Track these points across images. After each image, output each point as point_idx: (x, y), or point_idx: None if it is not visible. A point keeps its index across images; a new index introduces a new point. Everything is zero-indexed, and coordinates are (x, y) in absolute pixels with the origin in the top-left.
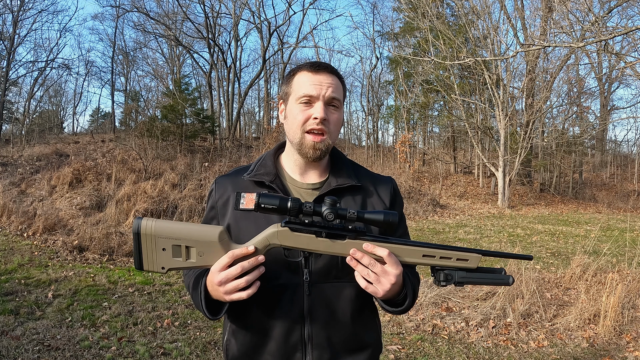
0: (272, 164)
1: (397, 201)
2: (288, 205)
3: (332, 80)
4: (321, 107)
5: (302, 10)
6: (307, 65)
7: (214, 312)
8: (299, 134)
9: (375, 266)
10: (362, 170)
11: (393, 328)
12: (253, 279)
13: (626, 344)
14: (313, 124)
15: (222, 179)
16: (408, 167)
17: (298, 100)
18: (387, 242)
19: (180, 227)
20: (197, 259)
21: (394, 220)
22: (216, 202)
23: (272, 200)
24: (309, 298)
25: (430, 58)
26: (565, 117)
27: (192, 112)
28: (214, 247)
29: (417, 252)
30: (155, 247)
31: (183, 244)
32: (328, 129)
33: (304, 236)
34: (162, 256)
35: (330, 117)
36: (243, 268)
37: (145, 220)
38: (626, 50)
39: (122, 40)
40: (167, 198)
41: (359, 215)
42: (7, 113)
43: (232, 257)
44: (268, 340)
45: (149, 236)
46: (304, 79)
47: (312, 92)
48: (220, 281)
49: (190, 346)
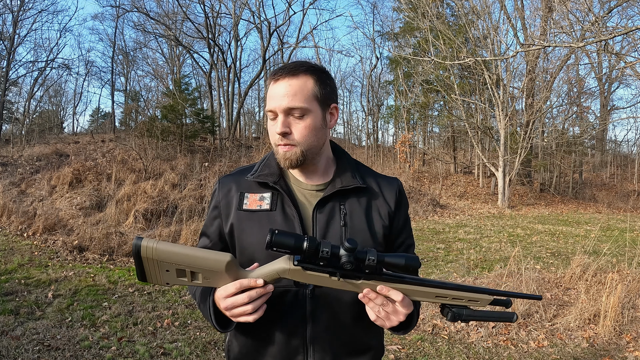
0: (276, 165)
1: (402, 202)
2: (304, 247)
3: (290, 86)
4: (281, 121)
5: (302, 10)
6: (271, 73)
7: (224, 326)
8: (274, 147)
9: (387, 306)
10: (368, 171)
11: None
12: (260, 305)
13: (626, 344)
14: (278, 139)
15: (225, 179)
16: (408, 167)
17: (267, 116)
18: (402, 282)
19: (184, 254)
20: (202, 280)
21: (416, 265)
22: (219, 202)
23: (287, 239)
24: (312, 301)
25: (430, 58)
26: (565, 117)
27: (192, 112)
28: (220, 275)
29: (430, 294)
30: (158, 268)
31: (188, 270)
32: (293, 140)
33: (316, 275)
34: (166, 275)
35: (294, 128)
36: (250, 298)
37: (146, 242)
38: (626, 50)
39: (122, 40)
40: (167, 198)
41: (379, 260)
42: (7, 113)
43: (240, 287)
44: (270, 342)
45: (151, 259)
46: (269, 91)
47: (271, 107)
48: (226, 307)
49: (190, 346)
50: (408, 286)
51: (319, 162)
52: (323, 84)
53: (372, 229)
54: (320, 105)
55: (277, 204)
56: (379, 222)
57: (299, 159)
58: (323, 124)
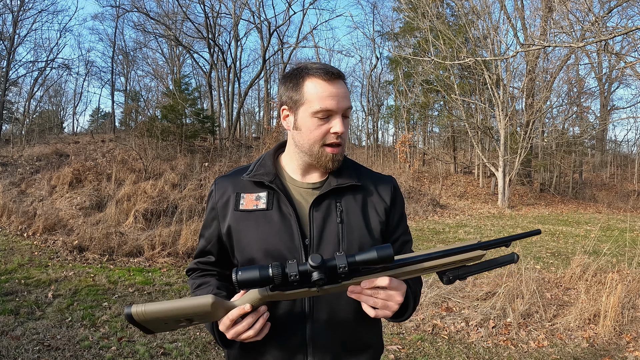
0: (271, 164)
1: (397, 200)
2: (270, 275)
3: (345, 88)
4: (340, 121)
5: (302, 10)
6: (320, 71)
7: (229, 345)
8: (317, 147)
9: (379, 294)
10: (363, 170)
11: (393, 328)
12: (261, 327)
13: (626, 344)
14: (333, 138)
15: (221, 180)
16: (408, 167)
17: (314, 114)
18: (385, 269)
19: (170, 307)
20: (199, 320)
21: (389, 255)
22: (216, 203)
23: (251, 273)
24: (311, 299)
25: (430, 58)
26: (565, 117)
27: (192, 112)
28: (210, 314)
29: (418, 270)
30: (156, 324)
31: (181, 318)
32: (343, 140)
33: (296, 292)
34: (166, 326)
35: (345, 128)
36: (248, 324)
37: (135, 309)
38: (626, 50)
39: (122, 40)
40: (167, 198)
41: (350, 263)
42: (7, 113)
43: (233, 319)
44: (270, 341)
45: (145, 321)
46: (320, 90)
47: (331, 107)
48: (232, 337)
49: (190, 346)
50: (390, 272)
51: None
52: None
53: (368, 226)
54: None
55: (273, 203)
56: (376, 219)
57: (342, 160)
58: None
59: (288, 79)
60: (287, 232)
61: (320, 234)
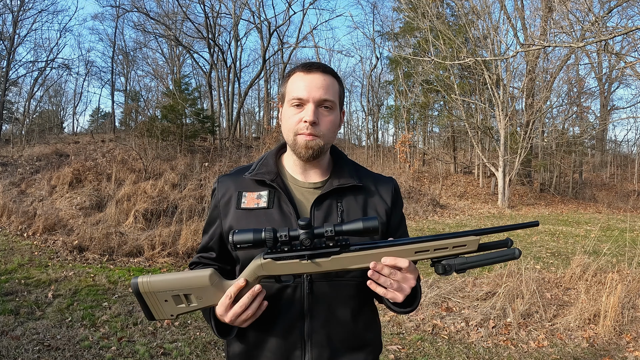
0: (273, 163)
1: (398, 201)
2: (263, 237)
3: (324, 80)
4: (311, 109)
5: (302, 10)
6: (301, 65)
7: (225, 334)
8: (291, 136)
9: (396, 274)
10: (364, 171)
11: (393, 328)
12: (257, 307)
13: (626, 344)
14: (303, 127)
15: (224, 178)
16: (408, 167)
17: (290, 102)
18: (375, 247)
19: (173, 279)
20: (197, 302)
21: (374, 226)
22: (219, 201)
23: (246, 235)
24: (309, 296)
25: (430, 58)
26: (565, 117)
27: (192, 112)
28: (208, 290)
29: (409, 251)
30: (157, 301)
31: (181, 293)
32: (319, 131)
33: (288, 263)
34: (167, 306)
35: (322, 120)
36: (245, 305)
37: (141, 279)
38: (626, 50)
39: (122, 40)
40: (167, 198)
41: (337, 230)
42: (7, 113)
43: (231, 297)
44: (268, 338)
45: (149, 293)
46: (297, 81)
47: (302, 95)
48: (230, 320)
49: (190, 346)
50: (382, 249)
51: (323, 160)
52: (342, 89)
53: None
54: (339, 107)
55: (274, 202)
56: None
57: (320, 150)
58: (339, 124)
59: (282, 79)
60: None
61: None
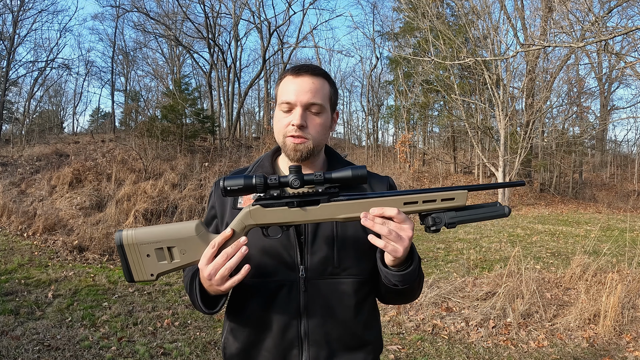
0: (269, 165)
1: None
2: (253, 182)
3: (313, 84)
4: (299, 113)
5: (302, 10)
6: (291, 69)
7: (211, 307)
8: (281, 138)
9: (389, 223)
10: None
11: (393, 328)
12: (236, 263)
13: (626, 344)
14: (291, 130)
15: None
16: (408, 167)
17: (280, 106)
18: (364, 197)
19: (158, 229)
20: (181, 257)
21: (363, 174)
22: (215, 202)
23: (237, 180)
24: (305, 295)
25: (430, 58)
26: (565, 117)
27: (192, 112)
28: (193, 242)
29: (398, 201)
30: (139, 256)
31: (164, 246)
32: (307, 134)
33: (276, 210)
34: (149, 263)
35: (310, 123)
36: (227, 255)
37: (126, 231)
38: (626, 50)
39: (122, 40)
40: (167, 198)
41: (326, 177)
42: (7, 113)
43: (215, 246)
44: (265, 337)
45: (132, 245)
46: (286, 84)
47: (290, 99)
48: (209, 274)
49: (190, 346)
50: (371, 199)
51: (316, 160)
52: (334, 91)
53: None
54: (330, 108)
55: None
56: None
57: (309, 152)
58: (329, 125)
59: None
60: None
61: (315, 231)
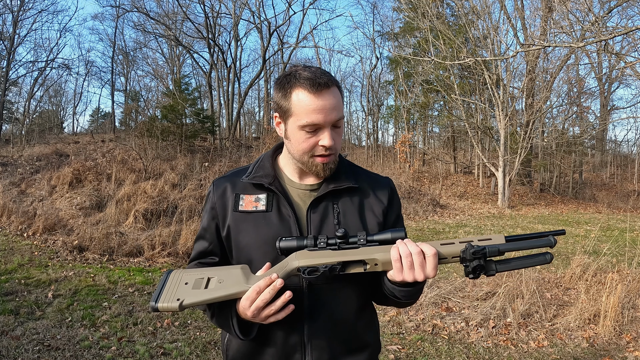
0: (270, 166)
1: (394, 201)
2: (305, 243)
3: (334, 98)
4: (329, 134)
5: (302, 10)
6: (307, 83)
7: (246, 334)
8: (306, 157)
9: (420, 255)
10: (360, 171)
11: (393, 328)
12: (283, 304)
13: (626, 344)
14: (321, 150)
15: (219, 181)
16: (408, 167)
17: (302, 127)
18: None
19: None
20: (216, 286)
21: (401, 236)
22: (215, 203)
23: (291, 242)
24: (309, 298)
25: (430, 58)
26: (565, 117)
27: (192, 112)
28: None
29: (435, 244)
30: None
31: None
32: (335, 150)
33: (320, 252)
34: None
35: (337, 139)
36: (265, 299)
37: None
38: (626, 50)
39: (122, 40)
40: (167, 198)
41: (369, 239)
42: (7, 113)
43: (259, 291)
44: (267, 341)
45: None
46: (306, 104)
47: (318, 121)
48: (252, 315)
49: (190, 346)
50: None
51: None
52: (342, 94)
53: (365, 227)
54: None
55: (272, 205)
56: (373, 220)
57: (336, 164)
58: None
59: (278, 86)
60: (285, 234)
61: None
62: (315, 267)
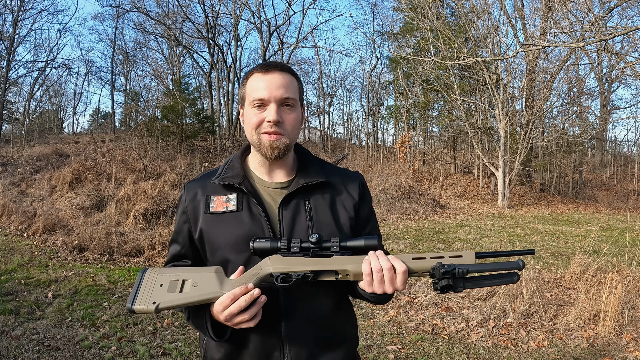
0: (239, 166)
1: (365, 195)
2: (278, 246)
3: (284, 79)
4: (274, 109)
5: (302, 10)
6: (258, 66)
7: (220, 335)
8: (255, 136)
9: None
10: (330, 167)
11: (393, 328)
12: (256, 312)
13: (626, 344)
14: (267, 127)
15: (190, 184)
16: (408, 167)
17: (251, 104)
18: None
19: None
20: (190, 290)
21: (373, 244)
22: (186, 207)
23: (264, 244)
24: (285, 297)
25: (430, 58)
26: (565, 117)
27: (192, 112)
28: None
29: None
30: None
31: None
32: (283, 129)
33: (293, 258)
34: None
35: (286, 118)
36: (240, 307)
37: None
38: (626, 50)
39: (122, 40)
40: (167, 198)
41: (342, 245)
42: (7, 113)
43: (233, 298)
44: (245, 341)
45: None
46: (256, 82)
47: (263, 95)
48: (225, 319)
49: (190, 346)
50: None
51: (288, 158)
52: (301, 86)
53: (338, 222)
54: (300, 104)
55: (243, 204)
56: (345, 215)
57: (286, 149)
58: (301, 121)
59: (241, 80)
60: (257, 232)
61: (290, 232)
62: (288, 274)
